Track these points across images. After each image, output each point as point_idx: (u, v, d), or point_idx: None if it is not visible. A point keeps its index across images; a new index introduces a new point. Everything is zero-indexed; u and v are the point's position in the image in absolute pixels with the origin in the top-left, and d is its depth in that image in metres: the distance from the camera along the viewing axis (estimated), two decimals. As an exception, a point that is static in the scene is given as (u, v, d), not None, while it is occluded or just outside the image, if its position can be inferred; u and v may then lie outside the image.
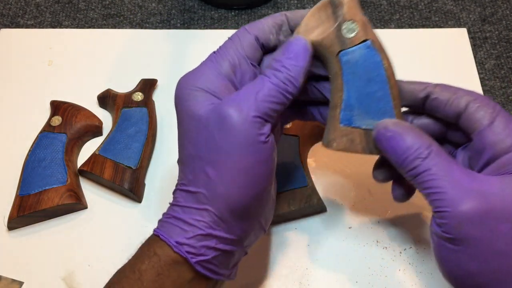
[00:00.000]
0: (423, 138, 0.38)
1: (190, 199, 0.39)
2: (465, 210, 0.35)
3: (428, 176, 0.36)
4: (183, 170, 0.40)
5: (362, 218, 0.54)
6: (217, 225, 0.39)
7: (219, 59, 0.41)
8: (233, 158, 0.38)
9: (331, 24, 0.40)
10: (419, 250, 0.52)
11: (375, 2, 0.71)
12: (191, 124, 0.39)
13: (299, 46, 0.39)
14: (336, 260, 0.52)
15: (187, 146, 0.39)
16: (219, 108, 0.38)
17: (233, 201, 0.38)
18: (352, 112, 0.41)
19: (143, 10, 0.71)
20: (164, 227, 0.39)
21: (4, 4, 0.71)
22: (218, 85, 0.40)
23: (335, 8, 0.40)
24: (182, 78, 0.41)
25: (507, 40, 0.67)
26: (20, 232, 0.54)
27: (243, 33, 0.42)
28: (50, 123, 0.58)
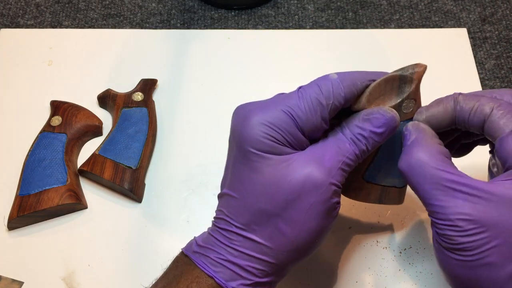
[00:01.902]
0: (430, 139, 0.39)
1: (252, 247, 0.38)
2: (461, 224, 0.35)
3: (424, 185, 0.37)
4: (244, 215, 0.39)
5: (362, 218, 0.54)
6: (273, 274, 0.39)
7: (300, 106, 0.38)
8: (312, 221, 0.38)
9: (393, 98, 0.41)
10: (419, 250, 0.52)
11: (375, 2, 0.71)
12: (268, 179, 0.38)
13: (390, 125, 0.39)
14: (336, 260, 0.52)
15: (260, 199, 0.38)
16: (305, 168, 0.37)
17: (297, 257, 0.39)
18: (378, 172, 0.44)
19: (143, 10, 0.71)
20: (217, 268, 0.38)
21: (4, 4, 0.71)
22: (294, 136, 0.38)
23: (403, 83, 0.41)
24: (254, 118, 0.38)
25: (507, 40, 0.67)
26: (20, 232, 0.54)
27: (336, 88, 0.39)
28: (50, 123, 0.58)
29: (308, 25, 0.69)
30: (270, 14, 0.70)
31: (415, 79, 0.41)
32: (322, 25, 0.69)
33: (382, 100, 0.40)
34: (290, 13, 0.70)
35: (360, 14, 0.70)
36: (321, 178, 0.37)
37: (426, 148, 0.38)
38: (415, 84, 0.41)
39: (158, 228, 0.54)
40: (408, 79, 0.40)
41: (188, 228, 0.54)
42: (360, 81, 0.40)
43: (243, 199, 0.39)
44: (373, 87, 0.40)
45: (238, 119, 0.39)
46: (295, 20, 0.70)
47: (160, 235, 0.54)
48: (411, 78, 0.40)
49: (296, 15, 0.70)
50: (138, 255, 0.53)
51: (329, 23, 0.69)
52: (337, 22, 0.69)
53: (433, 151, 0.38)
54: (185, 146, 0.59)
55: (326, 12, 0.70)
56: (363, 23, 0.69)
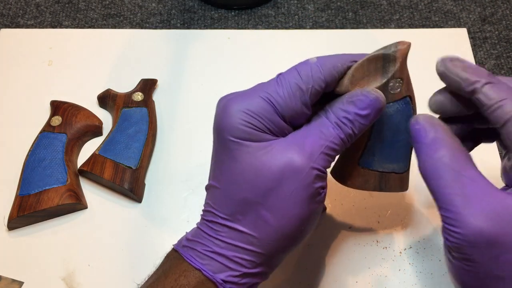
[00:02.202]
0: (450, 139, 0.36)
1: (237, 237, 0.38)
2: (471, 235, 0.34)
3: (444, 188, 0.35)
4: (227, 205, 0.38)
5: (362, 218, 0.54)
6: (262, 264, 0.39)
7: (279, 92, 0.38)
8: (295, 207, 0.37)
9: (378, 79, 0.40)
10: (419, 250, 0.52)
11: (375, 2, 0.71)
12: (248, 166, 0.37)
13: (374, 106, 0.38)
14: (336, 260, 0.52)
15: (242, 187, 0.37)
16: (285, 154, 0.37)
17: (285, 244, 0.39)
18: (373, 157, 0.43)
19: (143, 10, 0.71)
20: (205, 260, 0.38)
21: (4, 4, 0.71)
22: (274, 122, 0.38)
23: (386, 63, 0.40)
24: (232, 106, 0.38)
25: (507, 40, 0.67)
26: (20, 232, 0.54)
27: (315, 72, 0.38)
28: (50, 123, 0.58)
29: (308, 25, 0.69)
30: (270, 14, 0.70)
31: (398, 57, 0.39)
32: (322, 25, 0.69)
33: (367, 81, 0.39)
34: (290, 13, 0.70)
35: (360, 14, 0.70)
36: (301, 162, 0.37)
37: (448, 149, 0.36)
38: (400, 62, 0.39)
39: (158, 228, 0.54)
40: (392, 58, 0.39)
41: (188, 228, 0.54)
42: (341, 63, 0.39)
43: (226, 189, 0.38)
44: (355, 68, 0.39)
45: (218, 109, 0.39)
46: (295, 20, 0.70)
47: (160, 235, 0.54)
48: (395, 57, 0.39)
49: (296, 15, 0.70)
50: (138, 255, 0.53)
51: (329, 23, 0.69)
52: (337, 22, 0.69)
53: (456, 154, 0.36)
54: (185, 146, 0.59)
55: (326, 12, 0.70)
56: (363, 23, 0.69)
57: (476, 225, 0.33)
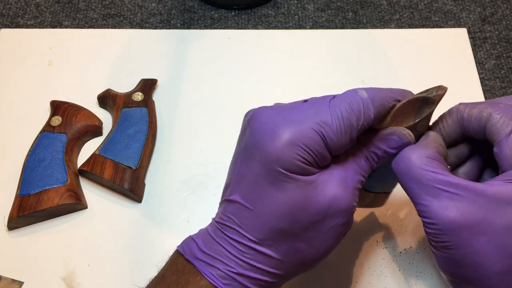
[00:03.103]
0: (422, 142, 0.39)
1: (263, 261, 0.38)
2: (440, 223, 0.36)
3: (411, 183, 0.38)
4: (260, 230, 0.37)
5: (362, 218, 0.54)
6: (278, 283, 0.39)
7: (332, 127, 0.37)
8: (331, 241, 0.38)
9: (411, 118, 0.41)
10: (419, 250, 0.52)
11: (375, 2, 0.71)
12: (293, 200, 0.37)
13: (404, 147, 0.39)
14: (336, 260, 0.52)
15: (282, 218, 0.37)
16: (331, 191, 0.37)
17: (306, 269, 0.40)
18: (376, 182, 0.44)
19: (143, 10, 0.71)
20: (226, 280, 0.37)
21: (4, 4, 0.71)
22: (322, 157, 0.37)
23: (424, 104, 0.40)
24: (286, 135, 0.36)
25: (507, 40, 0.67)
26: (20, 232, 0.54)
27: (367, 109, 0.37)
28: (50, 123, 0.58)
29: (308, 25, 0.69)
30: (270, 14, 0.70)
31: (436, 101, 0.40)
32: (322, 25, 0.69)
33: (402, 119, 0.40)
34: (290, 13, 0.70)
35: (360, 14, 0.70)
36: (346, 201, 0.38)
37: (417, 149, 0.38)
38: (435, 105, 0.41)
39: (158, 228, 0.54)
40: (431, 101, 0.40)
41: (188, 228, 0.54)
42: (387, 102, 0.39)
43: (261, 214, 0.37)
44: (397, 108, 0.39)
45: (264, 130, 0.37)
46: (295, 20, 0.70)
47: (160, 235, 0.54)
48: (433, 100, 0.40)
49: (296, 15, 0.70)
50: (138, 255, 0.53)
51: (329, 23, 0.69)
52: (337, 22, 0.69)
53: (423, 152, 0.38)
54: (185, 146, 0.59)
55: (326, 12, 0.70)
56: (363, 23, 0.69)
57: (443, 214, 0.35)
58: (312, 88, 0.63)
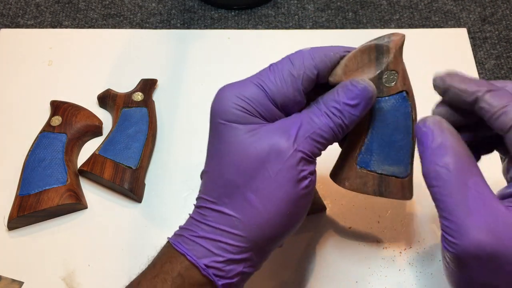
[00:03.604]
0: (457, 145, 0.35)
1: (223, 221, 0.38)
2: (470, 247, 0.33)
3: (447, 197, 0.34)
4: (214, 188, 0.38)
5: (362, 218, 0.54)
6: (248, 250, 0.38)
7: (271, 78, 0.39)
8: (279, 189, 0.37)
9: (372, 70, 0.39)
10: (419, 250, 0.52)
11: (375, 2, 0.71)
12: (234, 148, 0.38)
13: (363, 96, 0.38)
14: (336, 260, 0.52)
15: (228, 169, 0.38)
16: (271, 137, 0.37)
17: (271, 230, 0.38)
18: (371, 157, 0.41)
19: (143, 10, 0.71)
20: (190, 245, 0.38)
21: (4, 4, 0.71)
22: (265, 107, 0.38)
23: (380, 54, 0.39)
24: (225, 91, 0.39)
25: (507, 40, 0.67)
26: (20, 232, 0.54)
27: (307, 59, 0.39)
28: (50, 123, 0.58)
29: (308, 25, 0.69)
30: (270, 14, 0.70)
31: (392, 48, 0.39)
32: (322, 25, 0.69)
33: (360, 72, 0.39)
34: (290, 13, 0.70)
35: (360, 14, 0.70)
36: (286, 145, 0.37)
37: (454, 156, 0.35)
38: (393, 53, 0.39)
39: (158, 228, 0.54)
40: (385, 49, 0.39)
41: (188, 228, 0.54)
42: (334, 52, 0.39)
43: (213, 172, 0.39)
44: (348, 58, 0.39)
45: (215, 97, 0.40)
46: (295, 20, 0.70)
47: (160, 235, 0.54)
48: (388, 47, 0.39)
49: (296, 15, 0.70)
50: (138, 255, 0.53)
51: (329, 23, 0.69)
52: (337, 22, 0.69)
53: (462, 162, 0.35)
54: (185, 146, 0.59)
55: (326, 12, 0.70)
56: (363, 23, 0.69)
57: (476, 238, 0.33)
58: (312, 88, 0.63)
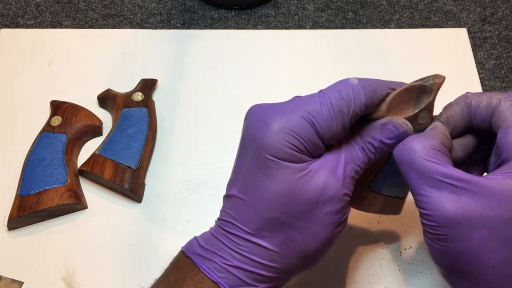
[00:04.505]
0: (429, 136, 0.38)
1: (260, 253, 0.38)
2: (439, 215, 0.35)
3: (412, 173, 0.37)
4: (254, 220, 0.38)
5: (362, 218, 0.54)
6: (276, 279, 0.39)
7: (322, 114, 0.37)
8: (324, 230, 0.38)
9: (411, 108, 0.40)
10: (419, 250, 0.52)
11: (375, 2, 0.71)
12: (283, 187, 0.37)
13: (401, 138, 0.39)
14: (336, 260, 0.52)
15: (274, 206, 0.37)
16: (320, 179, 0.37)
17: (304, 264, 0.39)
18: (385, 181, 0.43)
19: (143, 10, 0.71)
20: (222, 273, 0.38)
21: (4, 4, 0.71)
22: (314, 144, 0.38)
23: (421, 94, 0.40)
24: (274, 124, 0.37)
25: (507, 40, 0.67)
26: (20, 232, 0.54)
27: (357, 95, 0.38)
28: (50, 123, 0.58)
29: (308, 25, 0.69)
30: (270, 14, 0.70)
31: (434, 90, 0.40)
32: (322, 25, 0.69)
33: (400, 109, 0.40)
34: (290, 13, 0.70)
35: (360, 14, 0.70)
36: (337, 189, 0.37)
37: (421, 138, 0.38)
38: (434, 94, 0.40)
39: (158, 228, 0.54)
40: (428, 90, 0.40)
41: (188, 228, 0.54)
42: (381, 89, 0.39)
43: (254, 204, 0.38)
44: (393, 96, 0.39)
45: (256, 122, 0.38)
46: (295, 20, 0.70)
47: (160, 235, 0.54)
48: (431, 89, 0.40)
49: (296, 15, 0.70)
50: (138, 255, 0.53)
51: (329, 23, 0.69)
52: (337, 22, 0.69)
53: (428, 142, 0.37)
54: (185, 146, 0.59)
55: (326, 12, 0.70)
56: (363, 23, 0.69)
57: (442, 207, 0.35)
58: (312, 88, 0.63)
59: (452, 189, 0.35)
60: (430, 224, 0.36)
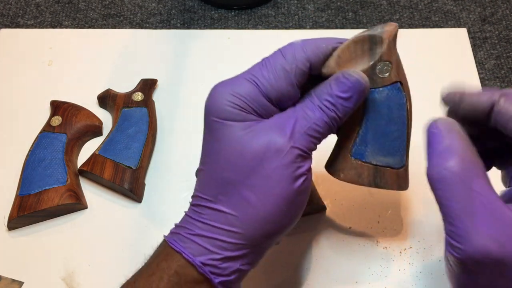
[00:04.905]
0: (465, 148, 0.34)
1: (219, 218, 0.38)
2: (475, 253, 0.33)
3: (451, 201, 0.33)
4: (210, 186, 0.38)
5: (362, 218, 0.54)
6: (244, 247, 0.38)
7: (264, 74, 0.38)
8: (276, 186, 0.37)
9: (365, 61, 0.39)
10: (419, 250, 0.52)
11: (375, 2, 0.71)
12: (229, 146, 0.37)
13: (356, 88, 0.38)
14: (336, 260, 0.52)
15: (224, 167, 0.37)
16: (267, 134, 0.37)
17: (268, 227, 0.38)
18: (366, 148, 0.41)
19: (143, 10, 0.71)
20: (186, 243, 0.38)
21: (4, 4, 0.71)
22: (259, 104, 0.38)
23: (373, 45, 0.39)
24: (218, 89, 0.39)
25: (507, 40, 0.67)
26: (20, 232, 0.54)
27: (298, 52, 0.38)
28: (50, 123, 0.58)
29: (308, 25, 0.69)
30: (270, 14, 0.70)
31: (385, 38, 0.39)
32: (322, 25, 0.69)
33: (354, 63, 0.38)
34: (290, 13, 0.70)
35: (360, 14, 0.70)
36: (282, 142, 0.37)
37: (460, 159, 0.33)
38: (387, 44, 0.39)
39: (158, 228, 0.54)
40: (378, 39, 0.38)
41: (188, 228, 0.54)
42: (326, 44, 0.39)
43: (209, 170, 0.39)
44: (341, 49, 0.38)
45: (209, 94, 0.39)
46: (295, 20, 0.70)
47: (160, 235, 0.54)
48: (381, 38, 0.38)
49: (296, 15, 0.70)
50: (138, 255, 0.53)
51: (329, 23, 0.69)
52: (337, 22, 0.69)
53: (468, 165, 0.33)
54: (185, 146, 0.59)
55: (326, 12, 0.70)
56: (363, 23, 0.69)
57: (481, 244, 0.32)
58: (312, 88, 0.63)
59: (493, 227, 0.32)
60: (460, 258, 0.33)
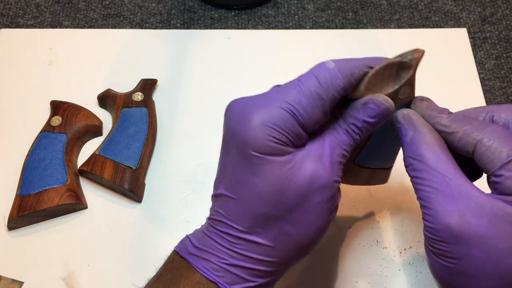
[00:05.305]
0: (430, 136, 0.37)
1: (255, 250, 0.37)
2: (441, 230, 0.35)
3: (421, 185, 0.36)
4: (245, 218, 0.37)
5: (362, 218, 0.54)
6: (277, 273, 0.39)
7: (302, 102, 0.37)
8: (318, 219, 0.37)
9: (391, 85, 0.39)
10: (419, 250, 0.52)
11: (375, 2, 0.71)
12: (271, 182, 0.36)
13: (383, 115, 0.38)
14: (336, 260, 0.52)
15: (264, 202, 0.37)
16: (308, 168, 0.37)
17: (300, 255, 0.39)
18: (369, 155, 0.43)
19: (143, 10, 0.71)
20: (219, 272, 0.37)
21: (4, 4, 0.71)
22: (296, 135, 0.37)
23: (400, 70, 0.39)
24: (254, 119, 0.36)
25: (507, 40, 0.67)
26: (20, 232, 0.54)
27: (335, 79, 0.37)
28: (50, 123, 0.58)
29: (308, 25, 0.69)
30: (270, 14, 0.70)
31: (414, 65, 0.39)
32: (322, 25, 0.69)
33: (380, 87, 0.39)
34: (290, 13, 0.70)
35: (360, 14, 0.70)
36: (326, 177, 0.37)
37: (427, 147, 0.37)
38: (413, 70, 0.39)
39: (158, 228, 0.54)
40: (407, 66, 0.39)
41: (188, 228, 0.54)
42: (358, 70, 0.38)
43: (244, 202, 0.37)
44: (372, 75, 0.39)
45: (236, 119, 0.38)
46: (295, 20, 0.70)
47: (160, 235, 0.54)
48: (410, 64, 0.39)
49: (296, 15, 0.70)
50: (138, 255, 0.53)
51: (329, 23, 0.69)
52: (337, 22, 0.69)
53: (435, 152, 0.36)
54: (185, 146, 0.59)
55: (326, 12, 0.70)
56: (363, 23, 0.69)
57: (446, 221, 0.34)
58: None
59: (460, 206, 0.34)
60: (432, 237, 0.35)
